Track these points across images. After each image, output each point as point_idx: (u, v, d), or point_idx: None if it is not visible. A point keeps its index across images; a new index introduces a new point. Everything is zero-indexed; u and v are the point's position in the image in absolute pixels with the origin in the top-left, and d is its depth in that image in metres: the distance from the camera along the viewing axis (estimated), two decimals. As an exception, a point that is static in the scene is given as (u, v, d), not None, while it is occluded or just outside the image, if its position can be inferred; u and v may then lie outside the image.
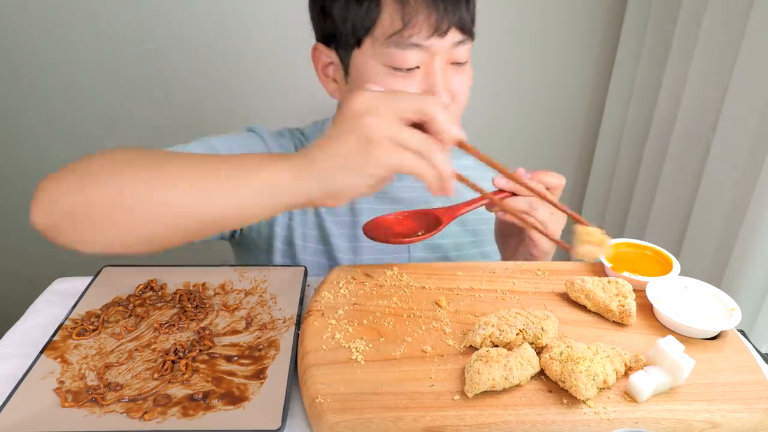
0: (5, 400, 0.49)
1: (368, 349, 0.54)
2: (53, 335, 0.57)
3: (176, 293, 0.64)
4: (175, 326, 0.59)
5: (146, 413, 0.48)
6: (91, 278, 0.66)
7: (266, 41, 1.43)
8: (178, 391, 0.51)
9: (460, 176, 0.57)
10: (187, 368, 0.53)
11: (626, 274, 0.64)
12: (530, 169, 0.66)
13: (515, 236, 0.77)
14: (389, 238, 0.64)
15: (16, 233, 1.61)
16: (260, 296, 0.65)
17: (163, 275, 0.68)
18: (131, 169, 0.52)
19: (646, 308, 0.60)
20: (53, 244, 0.53)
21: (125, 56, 1.42)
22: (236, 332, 0.59)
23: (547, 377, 0.51)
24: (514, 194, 0.66)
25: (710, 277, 1.20)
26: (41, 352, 0.55)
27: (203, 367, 0.54)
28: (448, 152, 0.51)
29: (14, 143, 1.48)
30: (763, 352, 0.60)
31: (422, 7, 0.64)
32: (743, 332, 0.62)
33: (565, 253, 0.65)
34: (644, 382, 0.48)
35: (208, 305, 0.63)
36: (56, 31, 1.37)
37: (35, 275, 1.06)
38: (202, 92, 1.49)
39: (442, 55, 0.67)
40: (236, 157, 0.54)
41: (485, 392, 0.49)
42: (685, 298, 0.61)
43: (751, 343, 0.59)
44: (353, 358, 0.53)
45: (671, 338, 0.51)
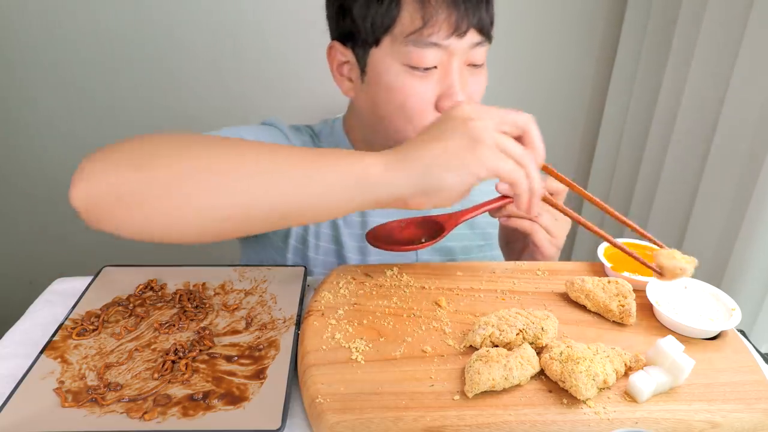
0: (5, 400, 0.49)
1: (368, 349, 0.54)
2: (53, 335, 0.57)
3: (176, 293, 0.64)
4: (175, 326, 0.59)
5: (146, 413, 0.48)
6: (91, 278, 0.66)
7: (266, 41, 1.43)
8: (178, 391, 0.51)
9: (548, 198, 0.59)
10: (187, 368, 0.53)
11: (626, 274, 0.64)
12: None
13: (519, 242, 0.77)
14: (392, 245, 0.64)
15: (16, 233, 1.61)
16: (260, 296, 0.65)
17: (163, 275, 0.68)
18: (194, 151, 0.49)
19: (646, 308, 0.60)
20: (91, 228, 0.49)
21: (124, 57, 1.42)
22: (236, 332, 0.59)
23: (547, 377, 0.51)
24: None
25: (710, 277, 1.20)
26: (41, 352, 0.55)
27: (203, 367, 0.54)
28: (538, 168, 0.53)
29: (14, 144, 1.49)
30: (763, 352, 0.60)
31: (443, 6, 0.64)
32: (743, 332, 0.62)
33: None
34: (644, 382, 0.48)
35: (208, 305, 0.63)
36: (56, 31, 1.37)
37: (35, 275, 1.06)
38: (201, 93, 1.49)
39: (460, 55, 0.67)
40: (311, 149, 0.51)
41: (485, 392, 0.49)
42: (685, 298, 0.61)
43: (751, 343, 0.59)
44: (353, 358, 0.53)
45: (671, 338, 0.51)
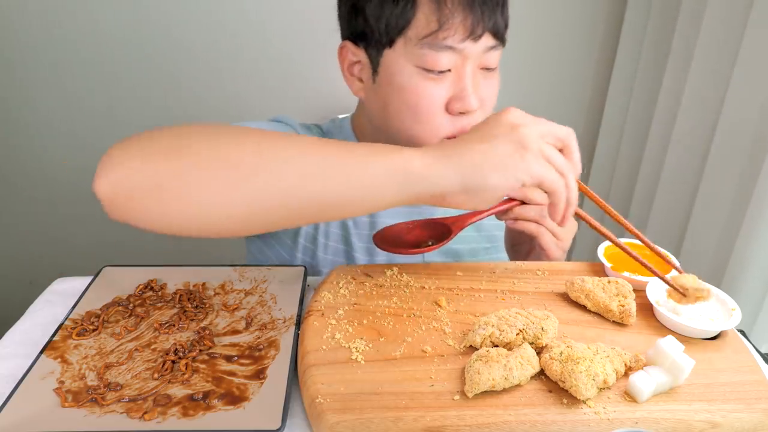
0: (5, 400, 0.49)
1: (368, 349, 0.54)
2: (53, 335, 0.57)
3: (176, 293, 0.64)
4: (175, 326, 0.59)
5: (146, 413, 0.48)
6: (91, 278, 0.66)
7: (267, 42, 1.43)
8: (178, 391, 0.51)
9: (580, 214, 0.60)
10: (187, 368, 0.53)
11: (626, 274, 0.64)
12: None
13: (525, 244, 0.77)
14: (400, 247, 0.64)
15: (16, 233, 1.61)
16: (260, 296, 0.65)
17: (163, 275, 0.68)
18: (233, 139, 0.48)
19: (646, 308, 0.60)
20: (113, 219, 0.47)
21: (124, 57, 1.42)
22: (236, 332, 0.59)
23: (547, 377, 0.51)
24: (523, 203, 0.66)
25: (710, 277, 1.20)
26: (41, 352, 0.55)
27: (203, 367, 0.54)
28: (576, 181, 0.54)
29: (13, 144, 1.48)
30: (763, 352, 0.60)
31: (458, 9, 0.63)
32: (743, 332, 0.62)
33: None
34: (644, 382, 0.48)
35: (208, 305, 0.63)
36: (55, 31, 1.37)
37: (35, 275, 1.06)
38: (201, 93, 1.49)
39: (474, 59, 0.67)
40: (351, 142, 0.51)
41: (485, 392, 0.49)
42: (685, 298, 0.61)
43: (751, 343, 0.59)
44: (353, 358, 0.53)
45: (671, 338, 0.51)
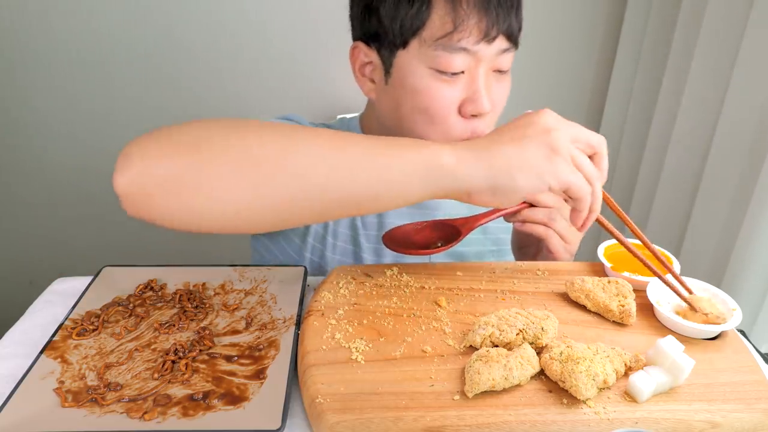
0: (5, 400, 0.49)
1: (368, 349, 0.54)
2: (53, 335, 0.57)
3: (176, 293, 0.64)
4: (175, 326, 0.59)
5: (146, 413, 0.48)
6: (91, 278, 0.66)
7: (266, 42, 1.43)
8: (178, 391, 0.51)
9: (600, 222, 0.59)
10: (187, 368, 0.53)
11: (626, 274, 0.64)
12: None
13: (532, 246, 0.77)
14: (408, 248, 0.64)
15: (16, 234, 1.61)
16: (260, 296, 0.65)
17: (163, 275, 0.68)
18: (255, 134, 0.47)
19: (646, 308, 0.60)
20: (132, 216, 0.46)
21: (124, 57, 1.42)
22: (236, 332, 0.59)
23: (547, 377, 0.51)
24: (532, 205, 0.66)
25: (710, 277, 1.20)
26: (41, 352, 0.55)
27: (203, 367, 0.54)
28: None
29: (13, 144, 1.48)
30: (763, 352, 0.60)
31: (474, 11, 0.63)
32: (743, 332, 0.62)
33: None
34: (644, 382, 0.48)
35: (208, 305, 0.63)
36: (55, 31, 1.37)
37: (35, 275, 1.06)
38: (201, 93, 1.49)
39: (487, 61, 0.66)
40: (378, 136, 0.51)
41: (485, 392, 0.49)
42: (685, 298, 0.61)
43: (751, 343, 0.59)
44: (353, 358, 0.53)
45: (671, 338, 0.51)
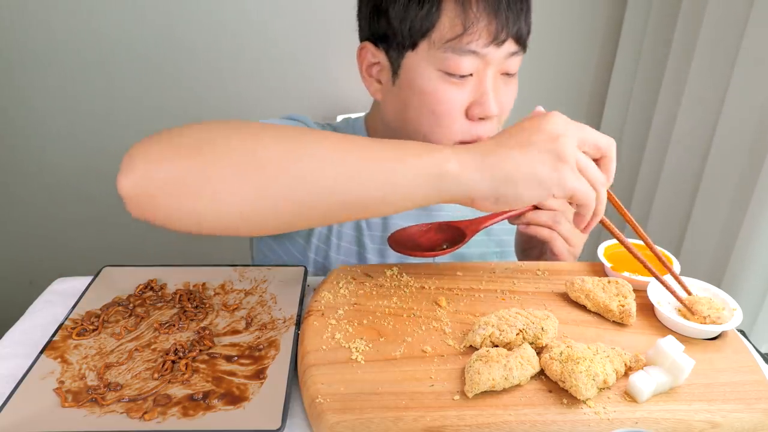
0: (5, 400, 0.49)
1: (368, 349, 0.54)
2: (53, 335, 0.57)
3: (176, 293, 0.64)
4: (175, 326, 0.59)
5: (146, 413, 0.48)
6: (91, 278, 0.66)
7: (267, 42, 1.43)
8: (178, 391, 0.51)
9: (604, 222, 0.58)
10: (187, 368, 0.53)
11: (626, 274, 0.64)
12: None
13: (536, 249, 0.77)
14: (413, 250, 0.64)
15: (16, 234, 1.61)
16: (260, 296, 0.65)
17: (163, 275, 0.68)
18: (259, 136, 0.47)
19: (646, 308, 0.60)
20: (134, 216, 0.46)
21: (124, 58, 1.42)
22: (236, 332, 0.59)
23: (547, 377, 0.51)
24: (536, 208, 0.66)
25: (710, 277, 1.20)
26: (41, 352, 0.55)
27: (203, 367, 0.54)
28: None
29: (12, 145, 1.48)
30: (763, 352, 0.60)
31: (484, 14, 0.63)
32: (743, 332, 0.62)
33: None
34: (644, 382, 0.48)
35: (208, 305, 0.63)
36: (54, 31, 1.37)
37: (35, 275, 1.06)
38: (201, 93, 1.49)
39: (495, 64, 0.66)
40: (384, 140, 0.50)
41: (485, 392, 0.49)
42: (685, 298, 0.61)
43: (751, 343, 0.59)
44: (353, 358, 0.53)
45: (671, 338, 0.51)
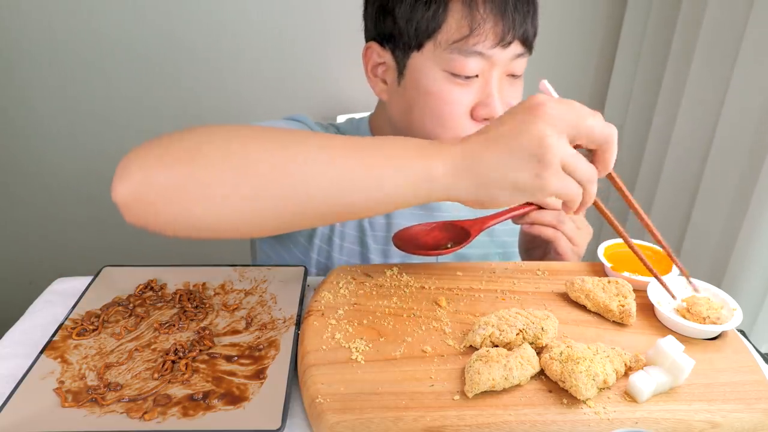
0: (5, 400, 0.49)
1: (368, 349, 0.54)
2: (53, 335, 0.57)
3: (176, 293, 0.64)
4: (175, 326, 0.59)
5: (146, 413, 0.48)
6: (91, 278, 0.66)
7: (267, 42, 1.43)
8: (178, 391, 0.51)
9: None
10: (187, 368, 0.53)
11: (626, 274, 0.64)
12: None
13: (540, 249, 0.77)
14: (418, 249, 0.64)
15: (15, 235, 1.61)
16: (260, 296, 0.65)
17: (163, 275, 0.68)
18: (255, 141, 0.47)
19: (646, 308, 0.60)
20: (129, 223, 0.46)
21: (124, 58, 1.42)
22: (236, 332, 0.59)
23: (547, 377, 0.51)
24: (540, 207, 0.66)
25: (710, 277, 1.20)
26: (41, 352, 0.55)
27: (203, 367, 0.54)
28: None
29: (12, 146, 1.48)
30: (763, 352, 0.60)
31: (490, 16, 0.63)
32: (743, 332, 0.62)
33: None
34: (644, 382, 0.48)
35: (208, 305, 0.63)
36: (54, 32, 1.37)
37: (35, 275, 1.06)
38: (202, 93, 1.49)
39: (501, 66, 0.66)
40: (375, 139, 0.50)
41: (485, 392, 0.49)
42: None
43: (751, 343, 0.59)
44: (353, 358, 0.53)
45: (671, 338, 0.51)
